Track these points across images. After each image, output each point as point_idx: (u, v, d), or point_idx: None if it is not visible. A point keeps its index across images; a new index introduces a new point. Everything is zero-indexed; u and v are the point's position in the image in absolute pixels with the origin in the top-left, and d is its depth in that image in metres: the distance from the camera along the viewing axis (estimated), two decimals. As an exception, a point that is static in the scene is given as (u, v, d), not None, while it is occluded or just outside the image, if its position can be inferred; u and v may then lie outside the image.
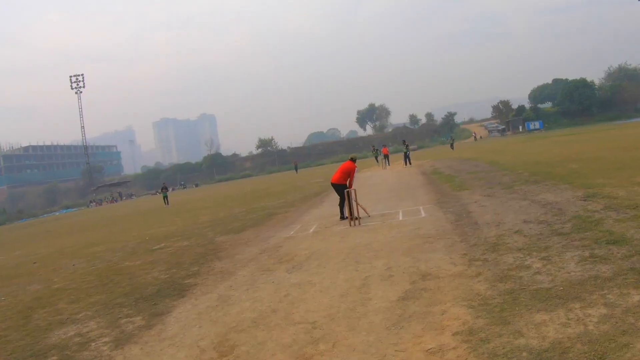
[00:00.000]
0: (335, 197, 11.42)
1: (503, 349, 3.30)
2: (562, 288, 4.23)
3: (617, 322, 3.40)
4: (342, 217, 10.46)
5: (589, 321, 3.50)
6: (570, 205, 7.86)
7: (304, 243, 8.63)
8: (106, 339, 4.97)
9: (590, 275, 4.43)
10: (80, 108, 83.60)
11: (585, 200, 8.08)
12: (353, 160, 10.70)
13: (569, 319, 3.59)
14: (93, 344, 4.89)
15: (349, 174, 10.39)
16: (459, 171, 18.62)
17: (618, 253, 4.91)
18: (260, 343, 4.20)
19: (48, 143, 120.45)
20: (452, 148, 46.21)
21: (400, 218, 9.64)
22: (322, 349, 3.85)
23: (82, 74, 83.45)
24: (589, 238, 5.65)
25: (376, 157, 36.29)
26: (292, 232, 10.09)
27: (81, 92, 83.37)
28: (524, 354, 3.18)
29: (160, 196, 32.65)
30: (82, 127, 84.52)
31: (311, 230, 9.91)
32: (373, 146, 40.90)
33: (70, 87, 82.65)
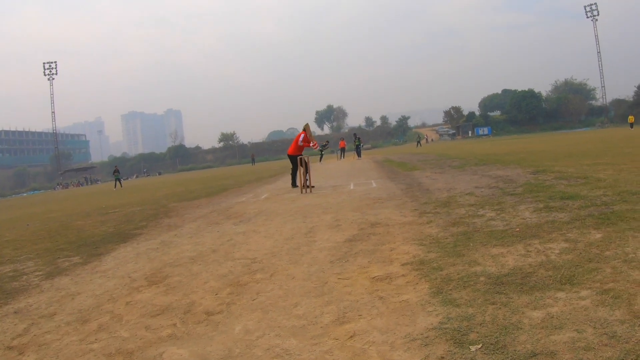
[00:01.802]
0: None
1: (458, 275, 2.89)
2: (518, 229, 3.91)
3: (581, 253, 3.07)
4: (294, 185, 10.16)
5: (551, 252, 3.16)
6: (520, 177, 7.74)
7: (254, 205, 8.36)
8: (39, 273, 4.59)
9: (547, 220, 4.14)
10: (52, 94, 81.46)
11: (535, 174, 7.97)
12: (304, 129, 10.64)
13: (528, 251, 3.24)
14: (25, 277, 4.53)
15: (302, 140, 10.30)
16: (410, 160, 18.61)
17: (574, 205, 4.68)
18: (194, 274, 3.75)
19: (20, 129, 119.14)
20: (419, 145, 49.60)
21: (352, 188, 9.29)
22: (259, 278, 3.37)
23: (55, 62, 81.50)
24: (542, 196, 5.42)
25: (321, 152, 29.16)
26: (243, 199, 9.82)
27: (53, 79, 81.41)
28: (482, 278, 2.78)
29: (113, 178, 31.66)
30: (53, 112, 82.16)
31: (262, 197, 9.66)
32: (327, 141, 33.15)
33: (43, 74, 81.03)
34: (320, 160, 28.42)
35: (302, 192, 9.21)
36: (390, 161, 19.04)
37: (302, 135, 10.36)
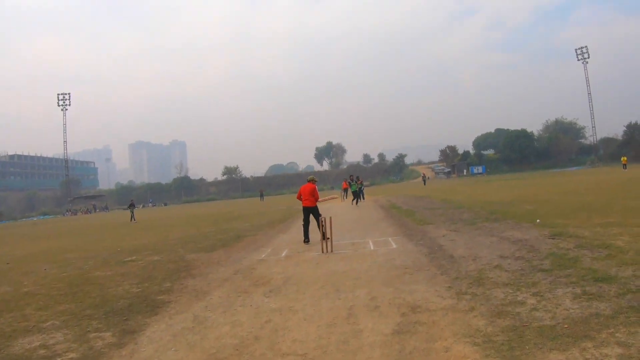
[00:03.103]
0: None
1: (528, 391, 2.96)
2: (567, 326, 3.99)
3: (638, 363, 3.17)
4: (306, 240, 10.50)
5: (610, 362, 3.25)
6: (540, 242, 7.86)
7: (278, 267, 8.32)
8: (73, 355, 4.41)
9: (590, 312, 4.24)
10: (65, 124, 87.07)
11: (553, 238, 8.12)
12: (313, 181, 11.18)
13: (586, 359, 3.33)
14: (59, 359, 4.34)
15: (314, 193, 10.77)
16: (416, 207, 18.76)
17: (610, 291, 4.79)
18: (247, 377, 3.66)
19: (32, 154, 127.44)
20: (425, 184, 52.05)
21: (372, 248, 9.40)
22: (322, 390, 3.35)
23: (69, 93, 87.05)
24: (574, 275, 5.54)
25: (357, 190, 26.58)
26: (263, 255, 9.77)
27: (66, 109, 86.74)
28: (553, 397, 2.85)
29: (128, 212, 31.87)
30: (65, 141, 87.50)
31: (283, 255, 9.64)
32: (351, 176, 29.89)
33: (57, 104, 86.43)
34: (362, 198, 26.82)
35: (322, 252, 9.28)
36: (397, 208, 19.18)
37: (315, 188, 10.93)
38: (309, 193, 10.71)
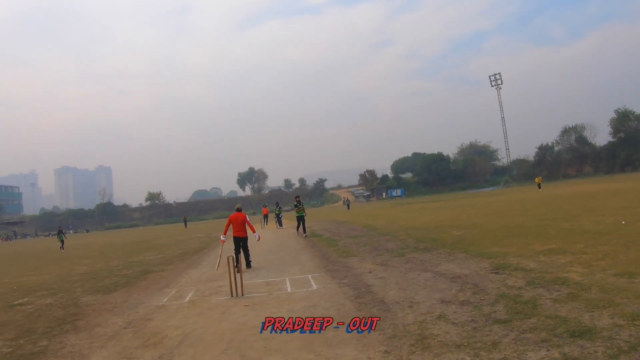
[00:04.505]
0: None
1: None
2: None
3: None
4: (237, 264, 8.88)
5: None
6: (484, 280, 6.76)
7: (177, 317, 6.69)
8: None
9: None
10: None
11: (497, 273, 7.09)
12: (240, 210, 11.16)
13: None
14: None
15: (246, 223, 10.78)
16: (338, 234, 17.56)
17: (596, 352, 3.63)
18: None
19: None
20: (349, 208, 51.50)
21: (289, 290, 7.83)
22: None
23: None
24: (541, 327, 4.35)
25: (279, 215, 28.01)
26: (165, 299, 8.14)
27: None
28: None
29: (57, 239, 29.60)
30: None
31: (187, 299, 7.99)
32: (297, 198, 24.98)
33: None
34: (280, 225, 27.12)
35: (232, 295, 7.66)
36: (319, 236, 17.78)
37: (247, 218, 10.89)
38: (242, 223, 10.71)
